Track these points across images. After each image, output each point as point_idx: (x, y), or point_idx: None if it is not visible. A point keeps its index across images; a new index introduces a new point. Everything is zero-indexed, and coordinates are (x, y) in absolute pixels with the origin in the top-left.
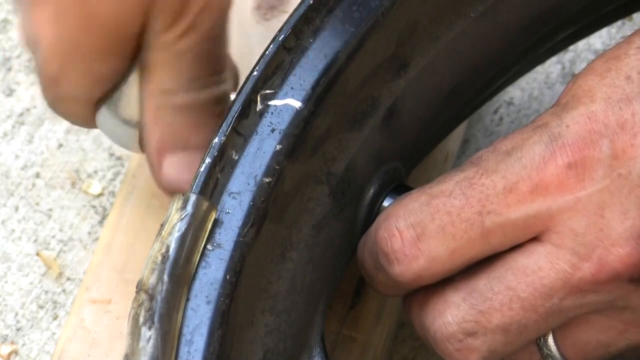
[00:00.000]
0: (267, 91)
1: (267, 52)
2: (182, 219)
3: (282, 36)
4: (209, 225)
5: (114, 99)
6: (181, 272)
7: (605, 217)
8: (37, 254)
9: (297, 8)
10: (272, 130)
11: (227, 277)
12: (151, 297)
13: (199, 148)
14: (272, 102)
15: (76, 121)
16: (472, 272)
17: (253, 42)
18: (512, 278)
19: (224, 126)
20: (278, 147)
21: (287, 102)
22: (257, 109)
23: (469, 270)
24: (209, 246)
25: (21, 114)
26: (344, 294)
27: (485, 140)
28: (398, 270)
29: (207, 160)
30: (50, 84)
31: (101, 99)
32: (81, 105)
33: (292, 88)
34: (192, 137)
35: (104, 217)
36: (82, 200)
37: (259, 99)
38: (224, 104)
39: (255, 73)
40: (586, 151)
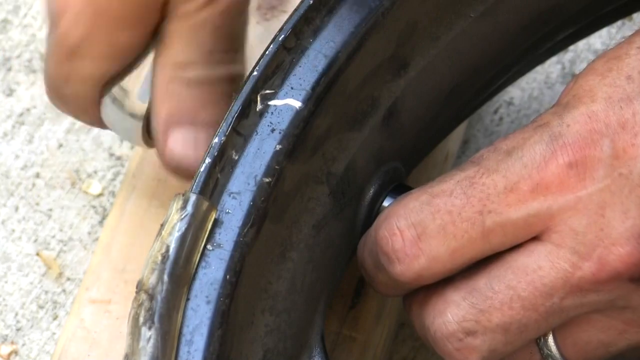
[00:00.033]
0: (267, 91)
1: (267, 52)
2: (182, 219)
3: (282, 36)
4: (209, 225)
5: (122, 87)
6: (181, 272)
7: (606, 216)
8: (37, 254)
9: (297, 8)
10: (272, 130)
11: (227, 277)
12: (151, 297)
13: (206, 125)
14: (272, 102)
15: (78, 109)
16: (473, 271)
17: (253, 42)
18: (512, 277)
19: (224, 126)
20: (278, 147)
21: (287, 102)
22: (257, 109)
23: (469, 270)
24: (209, 246)
25: (21, 114)
26: (344, 294)
27: (485, 140)
28: (399, 270)
29: (207, 160)
30: (65, 59)
31: (109, 83)
32: (89, 87)
33: (292, 88)
34: (201, 113)
35: (104, 217)
36: (82, 200)
37: (259, 99)
38: (235, 84)
39: (255, 73)
40: (587, 151)
